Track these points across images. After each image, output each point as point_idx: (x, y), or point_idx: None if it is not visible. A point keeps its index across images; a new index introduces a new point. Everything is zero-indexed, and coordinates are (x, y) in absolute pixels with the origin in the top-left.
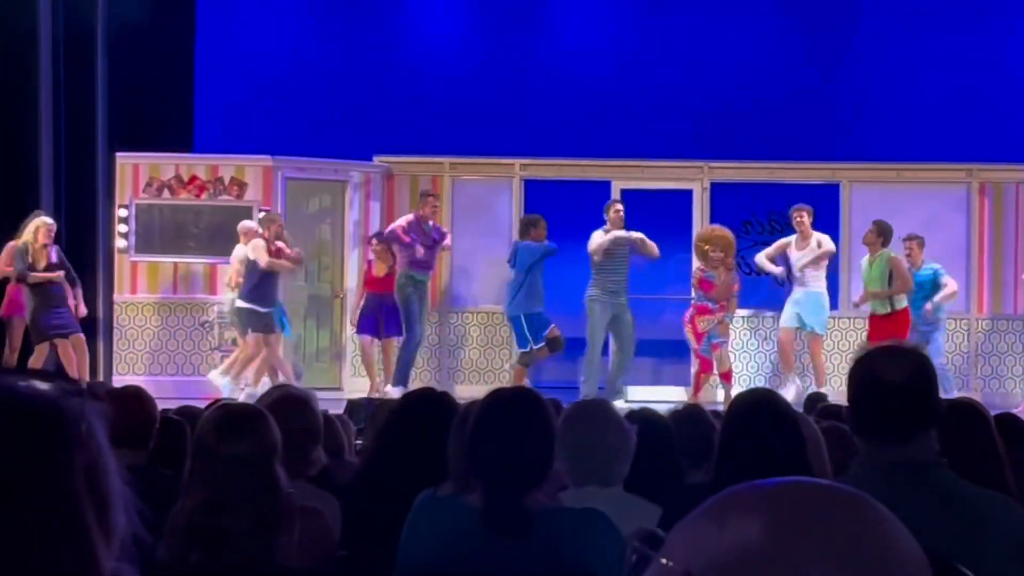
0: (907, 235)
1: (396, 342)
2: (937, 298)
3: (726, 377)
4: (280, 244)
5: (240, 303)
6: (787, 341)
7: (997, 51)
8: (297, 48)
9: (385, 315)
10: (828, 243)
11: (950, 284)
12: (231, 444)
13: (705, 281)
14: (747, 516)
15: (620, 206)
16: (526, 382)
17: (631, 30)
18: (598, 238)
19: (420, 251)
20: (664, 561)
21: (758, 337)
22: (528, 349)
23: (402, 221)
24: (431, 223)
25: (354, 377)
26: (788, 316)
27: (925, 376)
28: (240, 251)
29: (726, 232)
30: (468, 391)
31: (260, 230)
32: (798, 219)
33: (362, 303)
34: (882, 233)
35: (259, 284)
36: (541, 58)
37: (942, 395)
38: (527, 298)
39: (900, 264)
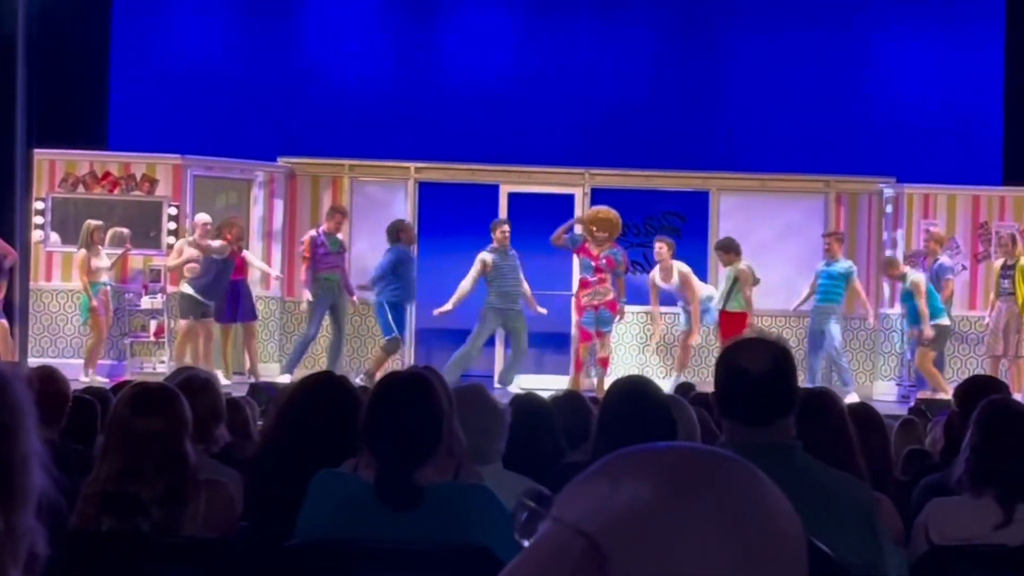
0: (825, 232)
1: (254, 325)
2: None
3: (603, 363)
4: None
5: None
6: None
7: (854, 74)
8: (208, 53)
9: (241, 300)
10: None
11: (859, 290)
12: (145, 419)
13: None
14: (640, 477)
15: (507, 227)
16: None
17: (521, 45)
18: (479, 264)
19: (327, 260)
20: (555, 516)
21: (632, 329)
22: (392, 336)
23: (311, 234)
24: (338, 236)
25: (259, 363)
26: None
27: (785, 367)
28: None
29: (611, 215)
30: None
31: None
32: (657, 248)
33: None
34: (728, 249)
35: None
36: (436, 68)
37: (841, 392)
38: (394, 291)
39: (743, 272)
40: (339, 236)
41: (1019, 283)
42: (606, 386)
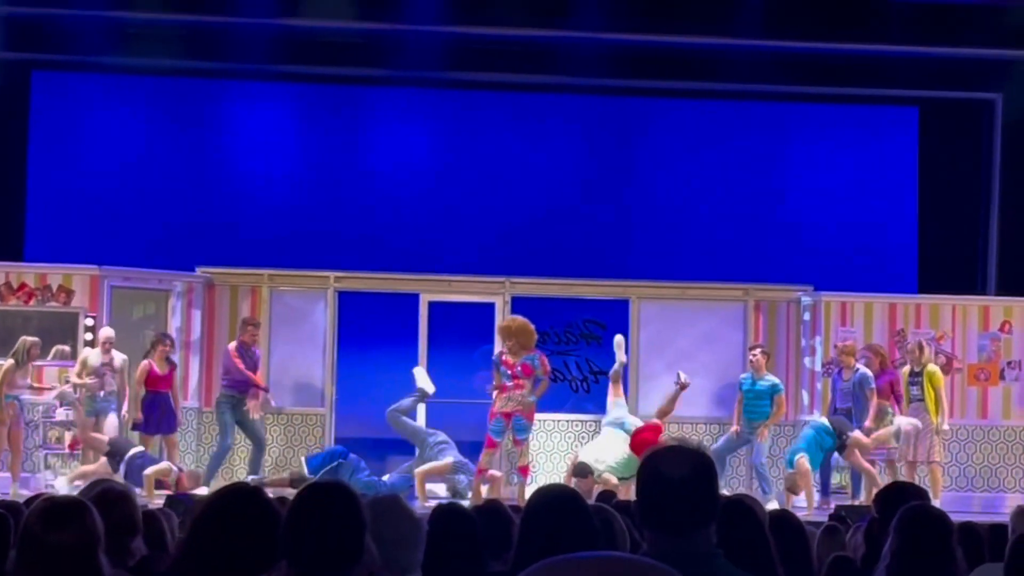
0: (752, 344)
1: (174, 437)
2: (769, 422)
3: (523, 471)
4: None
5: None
6: None
7: (772, 184)
8: (125, 163)
9: (166, 412)
10: None
11: (781, 407)
12: (57, 533)
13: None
14: None
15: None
16: None
17: (440, 154)
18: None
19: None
20: None
21: (553, 437)
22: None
23: (231, 349)
24: (254, 349)
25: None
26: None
27: (705, 474)
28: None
29: (510, 324)
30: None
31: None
32: None
33: (141, 401)
34: (583, 475)
35: None
36: (355, 177)
37: (762, 499)
38: None
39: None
40: (256, 349)
41: (928, 389)
42: (527, 494)
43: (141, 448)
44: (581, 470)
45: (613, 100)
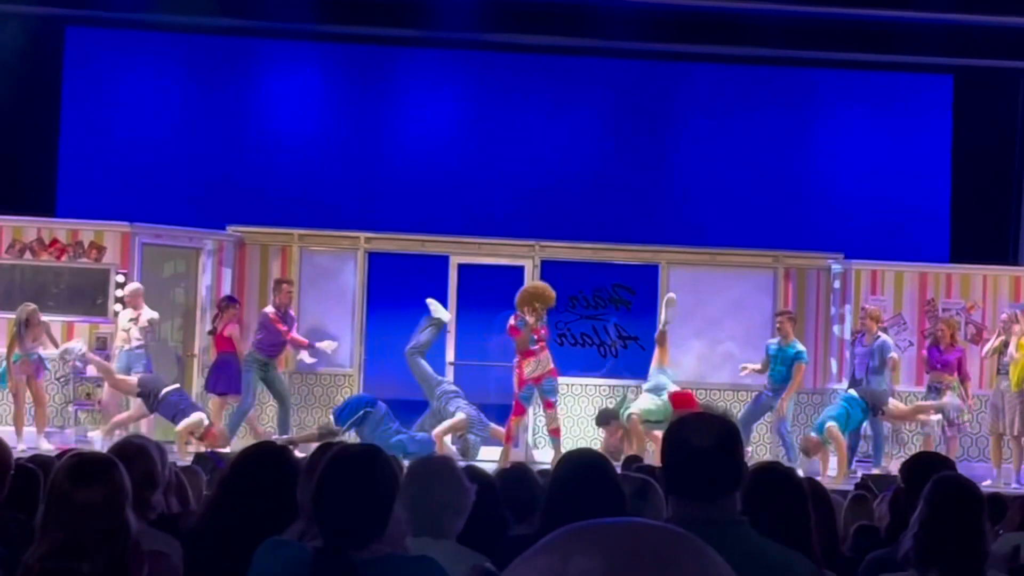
0: (779, 311)
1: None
2: (789, 390)
3: (555, 433)
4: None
5: None
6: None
7: (803, 151)
8: (157, 122)
9: (237, 372)
10: None
11: (797, 376)
12: (84, 490)
13: (515, 329)
14: (590, 552)
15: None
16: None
17: (472, 118)
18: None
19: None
20: None
21: (581, 402)
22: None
23: (270, 312)
24: (289, 311)
25: None
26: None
27: (730, 442)
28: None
29: (532, 288)
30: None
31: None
32: None
33: (216, 363)
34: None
35: None
36: (387, 139)
37: (787, 463)
38: None
39: None
40: (291, 311)
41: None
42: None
43: (176, 386)
44: (603, 418)
45: (645, 64)
